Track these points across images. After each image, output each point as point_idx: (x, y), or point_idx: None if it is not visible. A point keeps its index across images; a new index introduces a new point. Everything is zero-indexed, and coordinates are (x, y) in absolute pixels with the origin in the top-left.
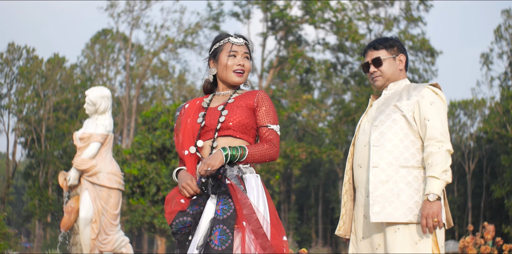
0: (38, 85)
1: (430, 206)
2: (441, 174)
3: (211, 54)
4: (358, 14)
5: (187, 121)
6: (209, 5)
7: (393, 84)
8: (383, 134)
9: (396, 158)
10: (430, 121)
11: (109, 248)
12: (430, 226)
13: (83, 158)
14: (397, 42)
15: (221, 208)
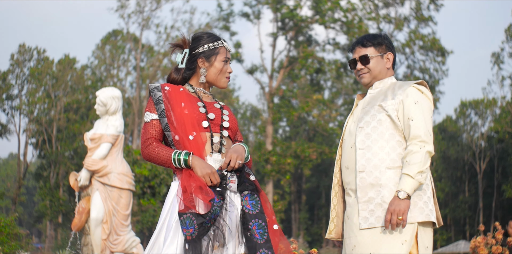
0: (49, 86)
1: (398, 203)
2: (417, 174)
3: (202, 53)
4: (368, 14)
5: (181, 105)
6: (219, 6)
7: (378, 82)
8: (369, 136)
9: (382, 160)
10: (414, 120)
11: (120, 248)
12: (393, 222)
13: (94, 159)
14: (385, 40)
15: (250, 203)
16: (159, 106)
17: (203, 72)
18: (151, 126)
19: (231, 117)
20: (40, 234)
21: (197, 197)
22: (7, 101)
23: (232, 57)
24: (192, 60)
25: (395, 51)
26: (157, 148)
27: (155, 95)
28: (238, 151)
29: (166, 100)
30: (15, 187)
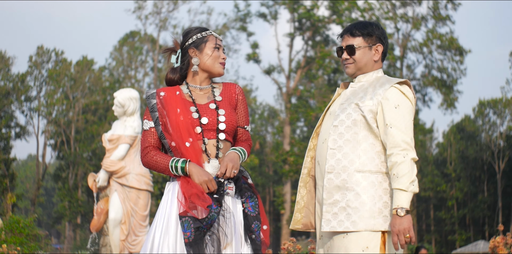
0: (67, 88)
1: (401, 222)
2: (409, 185)
3: (192, 43)
4: (385, 13)
5: (177, 112)
6: (236, 6)
7: (362, 76)
8: (342, 136)
9: (352, 162)
10: (393, 128)
11: (138, 249)
12: (402, 243)
13: (112, 160)
14: (376, 31)
15: (251, 205)
16: (154, 114)
17: (195, 61)
18: (149, 134)
19: (228, 116)
20: (59, 235)
21: (195, 203)
22: (25, 103)
23: (249, 58)
24: (184, 53)
25: (387, 42)
26: (155, 156)
27: (150, 102)
28: (233, 159)
29: (161, 107)
30: (34, 188)
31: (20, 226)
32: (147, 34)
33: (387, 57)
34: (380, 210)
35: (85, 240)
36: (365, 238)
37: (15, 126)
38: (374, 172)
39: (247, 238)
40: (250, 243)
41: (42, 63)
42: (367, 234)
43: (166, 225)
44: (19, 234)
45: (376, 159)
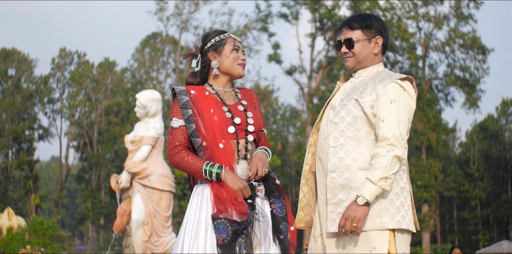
0: (90, 89)
1: (355, 209)
2: (379, 180)
3: (210, 47)
4: (407, 12)
5: (211, 112)
6: (257, 7)
7: (362, 70)
8: (343, 133)
9: (355, 160)
10: (385, 121)
11: (161, 250)
12: (347, 229)
13: (135, 161)
14: (376, 23)
15: (278, 206)
16: (186, 111)
17: (215, 65)
18: (180, 132)
19: (255, 118)
20: (82, 236)
21: (232, 208)
22: (48, 105)
23: (270, 58)
24: (204, 57)
25: (387, 34)
26: (186, 157)
27: (182, 99)
28: (262, 159)
29: (192, 105)
30: (57, 189)
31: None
32: (169, 35)
33: (409, 56)
34: (386, 207)
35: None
36: (372, 238)
37: (38, 128)
38: None
39: (275, 239)
40: (279, 243)
41: (65, 65)
42: (374, 234)
43: (196, 228)
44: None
45: None
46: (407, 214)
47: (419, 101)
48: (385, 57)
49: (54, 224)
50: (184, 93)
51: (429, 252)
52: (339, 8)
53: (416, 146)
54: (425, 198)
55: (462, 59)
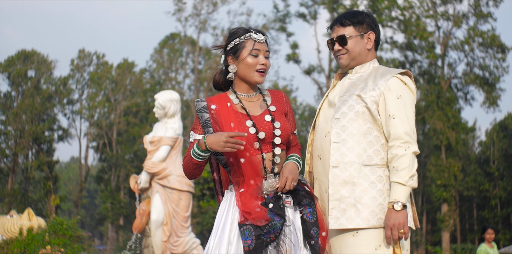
0: (109, 90)
1: (396, 216)
2: (408, 180)
3: (230, 49)
4: (426, 11)
5: (231, 126)
6: (275, 7)
7: (359, 67)
8: (345, 129)
9: (359, 156)
10: (396, 118)
11: (180, 250)
12: (395, 238)
13: (154, 161)
14: (367, 18)
15: (309, 211)
16: (207, 130)
17: (232, 69)
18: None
19: (283, 128)
20: (102, 236)
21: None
22: (68, 106)
23: (289, 58)
24: (226, 58)
25: (378, 29)
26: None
27: (202, 117)
28: (292, 171)
29: (214, 122)
30: (77, 190)
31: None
32: (187, 36)
33: (428, 55)
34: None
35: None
36: (377, 236)
37: (57, 129)
38: (381, 165)
39: (306, 244)
40: (310, 248)
41: (84, 66)
42: (379, 232)
43: (221, 234)
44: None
45: (382, 152)
46: (408, 211)
47: (439, 100)
48: (403, 56)
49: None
50: (205, 110)
51: (449, 251)
52: (357, 7)
53: (435, 145)
54: (444, 197)
55: (482, 58)
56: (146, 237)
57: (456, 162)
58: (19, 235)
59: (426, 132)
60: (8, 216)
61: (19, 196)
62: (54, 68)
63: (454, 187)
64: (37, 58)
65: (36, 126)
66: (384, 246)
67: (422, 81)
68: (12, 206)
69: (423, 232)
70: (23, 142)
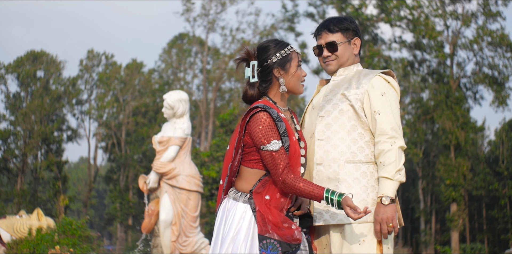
0: (117, 91)
1: (384, 211)
2: (395, 174)
3: (276, 62)
4: (434, 10)
5: (293, 140)
6: (283, 7)
7: (343, 69)
8: (329, 126)
9: (342, 153)
10: (381, 114)
11: (189, 250)
12: (384, 232)
13: (162, 162)
14: (352, 24)
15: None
16: (285, 139)
17: (282, 82)
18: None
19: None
20: (111, 236)
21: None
22: (77, 106)
23: None
24: (266, 72)
25: (361, 35)
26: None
27: (281, 127)
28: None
29: (288, 131)
30: (86, 190)
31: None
32: (196, 36)
33: (436, 54)
34: (374, 200)
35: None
36: (361, 231)
37: (66, 129)
38: (365, 162)
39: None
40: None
41: (93, 67)
42: (363, 227)
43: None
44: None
45: (366, 149)
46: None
47: (447, 99)
48: (413, 55)
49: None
50: (281, 120)
51: (458, 251)
52: (366, 7)
53: (444, 145)
54: (453, 197)
55: (491, 57)
56: (155, 237)
57: (465, 162)
58: (28, 235)
59: (435, 131)
60: (18, 216)
61: (28, 196)
62: (63, 68)
63: (463, 186)
64: (46, 59)
65: (45, 127)
66: (368, 240)
67: (431, 80)
68: (21, 206)
69: (432, 232)
70: (32, 142)
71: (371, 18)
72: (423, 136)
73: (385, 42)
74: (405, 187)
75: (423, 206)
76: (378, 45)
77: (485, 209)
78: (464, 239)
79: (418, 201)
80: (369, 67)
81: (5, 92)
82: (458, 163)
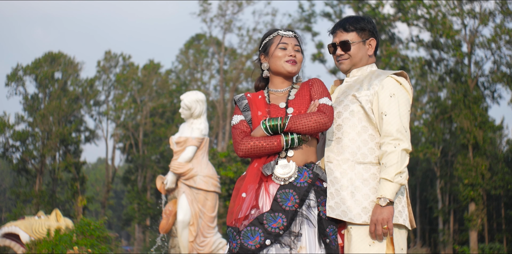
0: (135, 91)
1: (381, 212)
2: (395, 176)
3: (261, 49)
4: (452, 9)
5: (258, 114)
6: (300, 7)
7: (356, 70)
8: (340, 127)
9: (353, 154)
10: (388, 115)
11: (206, 250)
12: (379, 233)
13: (180, 162)
14: (369, 24)
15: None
16: (246, 114)
17: (265, 67)
18: (242, 124)
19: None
20: (129, 237)
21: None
22: (94, 107)
23: (314, 58)
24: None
25: (378, 36)
26: (252, 140)
27: (242, 104)
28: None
29: (251, 106)
30: (104, 191)
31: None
32: (212, 36)
33: (454, 53)
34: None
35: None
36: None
37: (84, 130)
38: (375, 163)
39: (321, 242)
40: (324, 247)
41: (110, 68)
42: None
43: None
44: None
45: (376, 150)
46: (403, 210)
47: (465, 98)
48: (430, 54)
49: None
50: (243, 98)
51: (477, 251)
52: (382, 7)
53: (462, 144)
54: (472, 196)
55: (509, 56)
56: (172, 238)
57: (484, 161)
58: (47, 236)
59: (453, 131)
60: (36, 217)
61: (46, 197)
62: (81, 69)
63: (481, 186)
64: (64, 60)
65: (63, 128)
66: (378, 243)
67: (448, 79)
68: (40, 207)
69: (450, 232)
70: (51, 143)
71: (388, 17)
72: (441, 135)
73: (402, 41)
74: (423, 186)
75: (441, 205)
76: (395, 44)
77: (503, 209)
78: (483, 239)
79: (436, 200)
80: (386, 67)
81: (23, 94)
82: (476, 162)
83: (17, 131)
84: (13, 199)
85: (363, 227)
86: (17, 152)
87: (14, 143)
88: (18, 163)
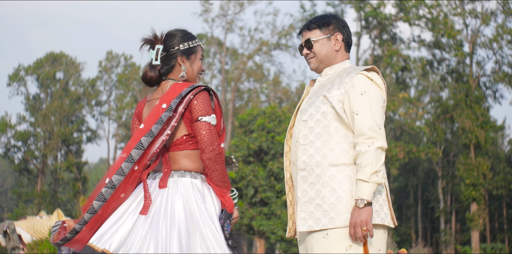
0: (136, 91)
1: (359, 214)
2: (371, 176)
3: (181, 51)
4: (453, 9)
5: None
6: (302, 7)
7: (328, 68)
8: (312, 130)
9: (325, 156)
10: (359, 114)
11: None
12: (359, 236)
13: None
14: (333, 20)
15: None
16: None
17: (184, 69)
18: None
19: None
20: None
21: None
22: (96, 107)
23: None
24: (171, 57)
25: (348, 30)
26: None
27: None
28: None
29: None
30: None
31: None
32: (214, 36)
33: (456, 53)
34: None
35: None
36: (347, 235)
37: (86, 130)
38: (349, 164)
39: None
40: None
41: (112, 68)
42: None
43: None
44: None
45: (350, 151)
46: (381, 210)
47: (467, 98)
48: (431, 54)
49: None
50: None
51: (479, 251)
52: (384, 6)
53: (464, 144)
54: (474, 196)
55: (511, 56)
56: None
57: (485, 161)
58: (48, 236)
59: (454, 130)
60: (38, 217)
61: (48, 197)
62: (82, 70)
63: (483, 186)
64: (66, 60)
65: (65, 128)
66: (355, 246)
67: (450, 79)
68: (41, 207)
69: (452, 232)
70: (52, 143)
71: (389, 17)
72: (442, 135)
73: (403, 41)
74: (425, 186)
75: (443, 205)
76: (397, 44)
77: (505, 209)
78: (485, 239)
79: (438, 200)
80: (388, 66)
81: (25, 94)
82: (478, 162)
83: (19, 131)
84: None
85: (339, 230)
86: (19, 152)
87: (16, 143)
88: (20, 163)
